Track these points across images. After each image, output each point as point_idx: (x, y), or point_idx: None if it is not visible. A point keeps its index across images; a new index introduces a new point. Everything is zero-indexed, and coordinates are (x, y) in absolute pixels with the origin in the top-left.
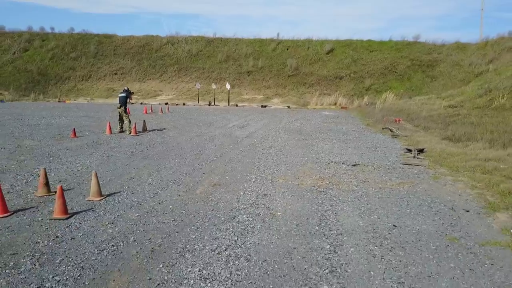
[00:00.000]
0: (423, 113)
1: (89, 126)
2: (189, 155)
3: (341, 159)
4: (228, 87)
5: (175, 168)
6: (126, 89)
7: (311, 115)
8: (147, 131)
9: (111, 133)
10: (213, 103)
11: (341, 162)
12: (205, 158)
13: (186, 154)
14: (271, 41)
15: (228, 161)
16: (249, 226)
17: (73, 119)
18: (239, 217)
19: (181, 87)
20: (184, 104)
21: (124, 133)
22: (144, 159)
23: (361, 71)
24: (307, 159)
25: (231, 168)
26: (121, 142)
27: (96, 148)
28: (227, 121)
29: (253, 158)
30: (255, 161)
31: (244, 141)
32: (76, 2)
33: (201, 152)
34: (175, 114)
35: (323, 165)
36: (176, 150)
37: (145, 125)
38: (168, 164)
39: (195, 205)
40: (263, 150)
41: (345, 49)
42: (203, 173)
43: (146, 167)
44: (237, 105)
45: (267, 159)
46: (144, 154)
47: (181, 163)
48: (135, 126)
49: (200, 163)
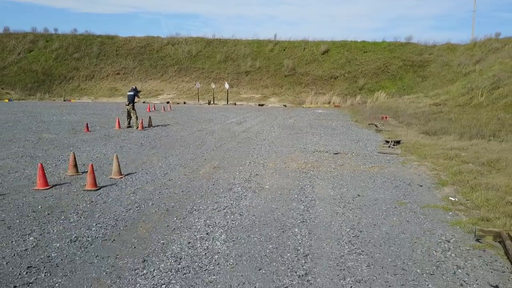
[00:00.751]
0: (409, 111)
1: (98, 122)
2: (192, 146)
3: (325, 149)
4: (227, 86)
5: (181, 155)
6: (134, 88)
7: (305, 113)
8: (152, 126)
9: (120, 128)
10: (212, 102)
11: (324, 151)
12: (206, 148)
13: (189, 145)
14: (268, 42)
15: (226, 150)
16: (242, 194)
17: (82, 116)
18: (234, 189)
19: (182, 86)
20: (184, 103)
21: (131, 128)
22: (152, 148)
23: (355, 71)
24: (295, 149)
25: (229, 155)
26: (130, 135)
27: (108, 140)
28: (226, 118)
29: (248, 148)
30: (250, 150)
31: (240, 135)
32: (76, 2)
33: (203, 143)
34: (176, 112)
35: (309, 153)
36: (180, 141)
37: (151, 121)
38: (174, 152)
39: (199, 181)
40: (257, 142)
41: (340, 50)
42: (205, 159)
43: (155, 154)
44: (235, 104)
45: (261, 149)
46: (152, 145)
47: (185, 152)
48: (142, 121)
49: (202, 152)
